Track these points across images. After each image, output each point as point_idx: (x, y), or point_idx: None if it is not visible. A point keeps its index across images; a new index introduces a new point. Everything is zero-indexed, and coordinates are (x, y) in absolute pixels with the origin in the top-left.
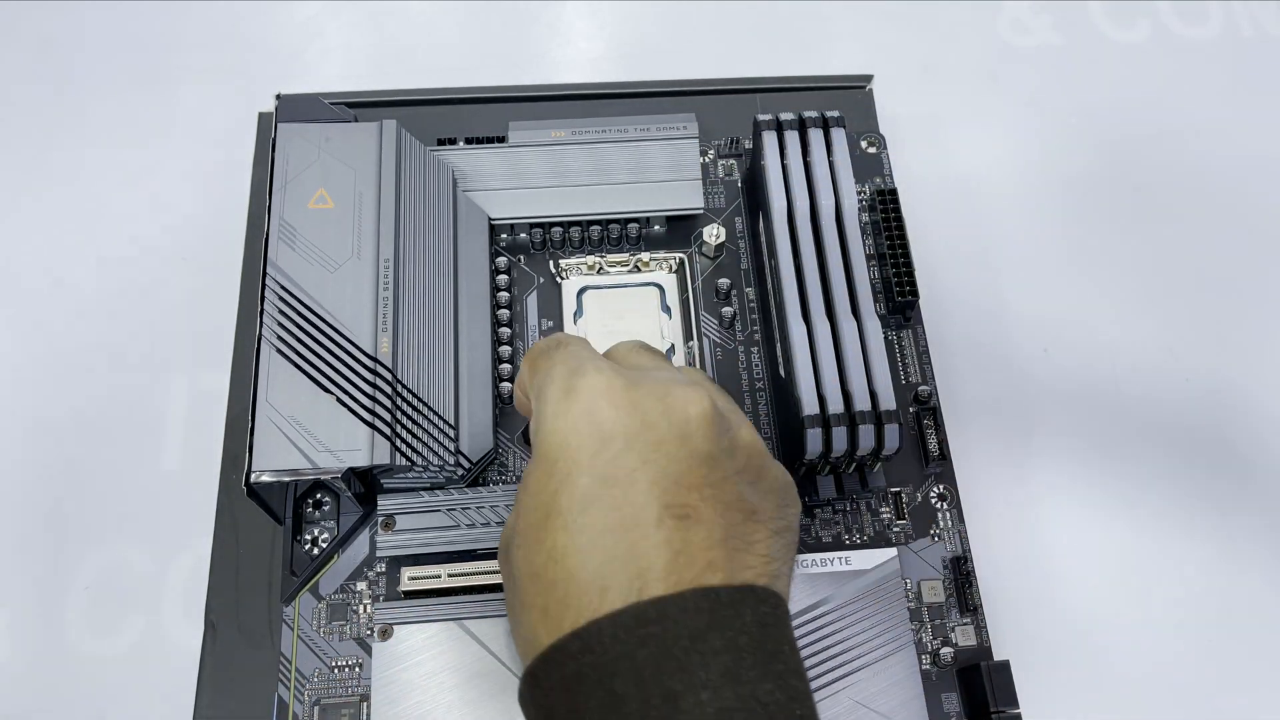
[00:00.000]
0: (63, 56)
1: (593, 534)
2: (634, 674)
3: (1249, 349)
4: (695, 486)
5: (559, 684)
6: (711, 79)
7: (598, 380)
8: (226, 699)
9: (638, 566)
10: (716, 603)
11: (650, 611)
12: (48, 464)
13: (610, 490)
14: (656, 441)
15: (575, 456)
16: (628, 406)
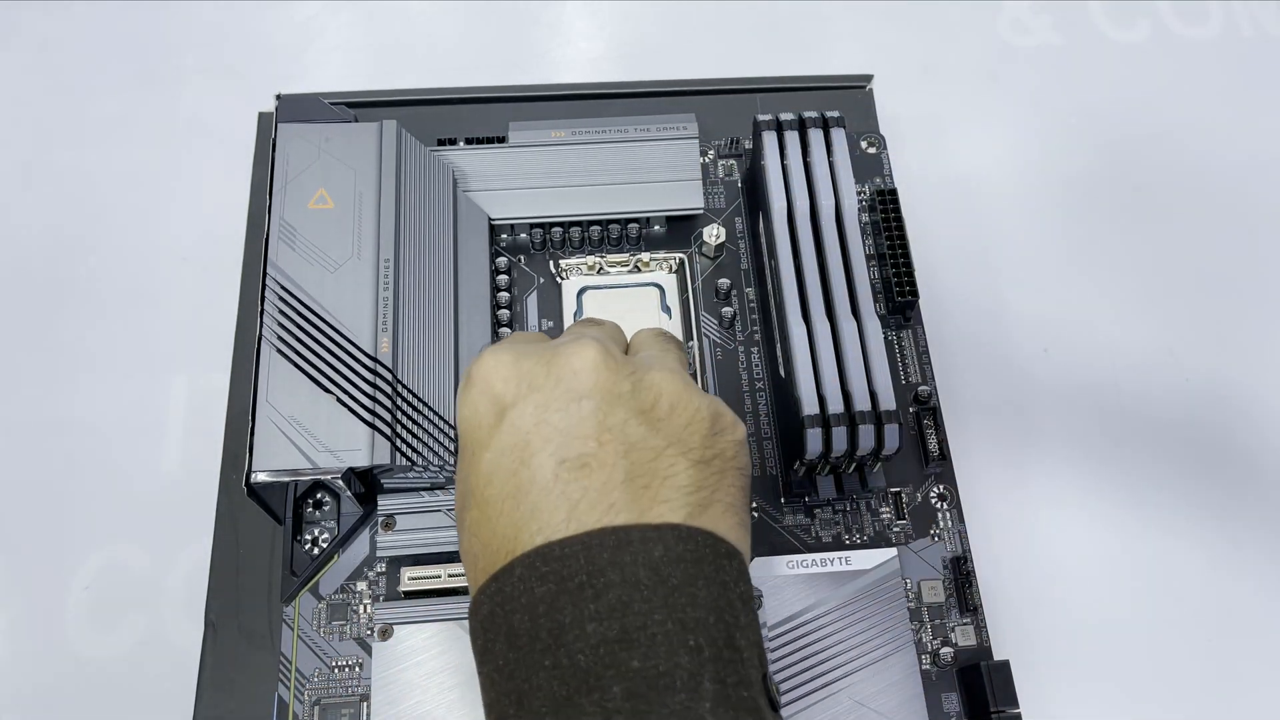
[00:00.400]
0: (63, 56)
1: (497, 503)
2: (530, 609)
3: (1249, 349)
4: (589, 435)
5: (480, 624)
6: (711, 79)
7: (489, 361)
8: (226, 699)
9: (539, 521)
10: (623, 540)
11: (555, 550)
12: (48, 464)
13: (508, 458)
14: (544, 402)
15: (477, 436)
16: (516, 376)
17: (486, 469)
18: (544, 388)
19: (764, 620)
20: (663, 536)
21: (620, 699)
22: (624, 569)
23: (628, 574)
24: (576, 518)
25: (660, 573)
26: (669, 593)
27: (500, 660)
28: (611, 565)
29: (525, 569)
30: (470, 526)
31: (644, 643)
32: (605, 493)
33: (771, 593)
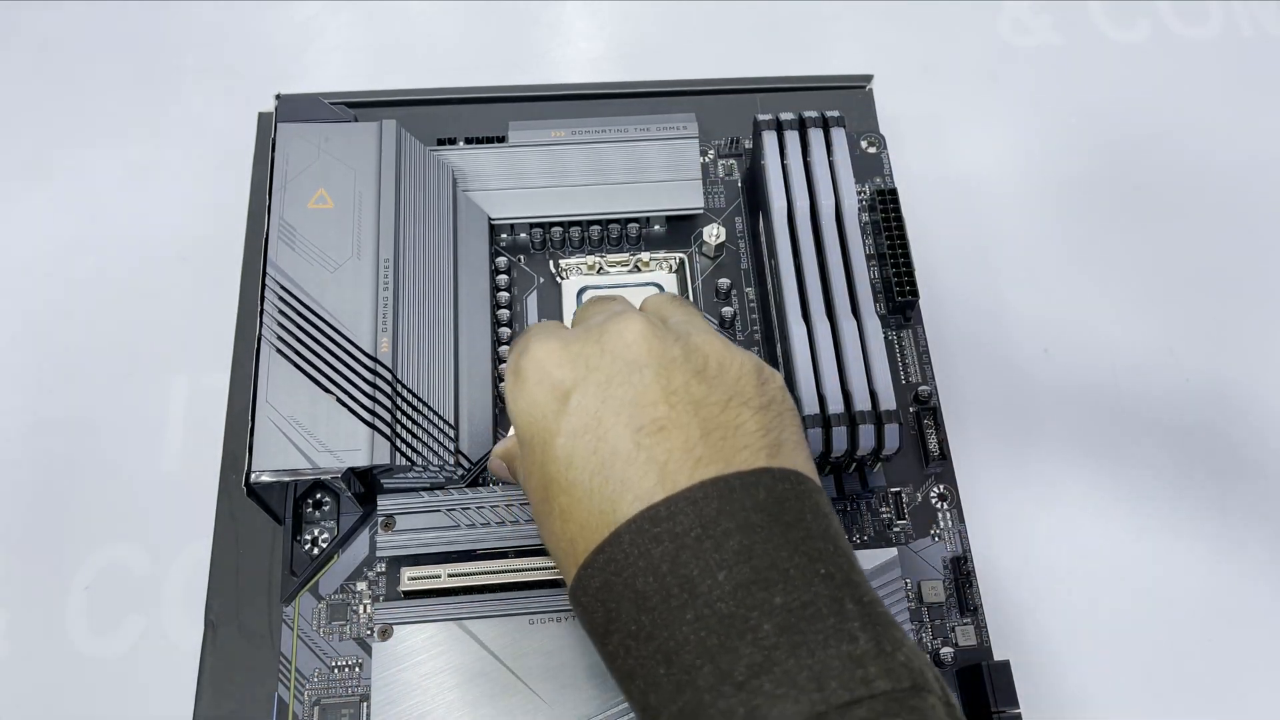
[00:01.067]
0: (63, 56)
1: (583, 483)
2: (652, 570)
3: (1249, 349)
4: (657, 400)
5: (594, 597)
6: (711, 79)
7: (538, 351)
8: (226, 699)
9: (631, 490)
10: (726, 489)
11: (660, 510)
12: (48, 464)
13: (583, 439)
14: (606, 378)
15: (544, 425)
16: (569, 360)
17: (564, 454)
18: (601, 365)
19: None
20: (760, 480)
21: (774, 634)
22: (735, 516)
23: (740, 520)
24: (669, 478)
25: (770, 513)
26: (785, 529)
27: (632, 625)
28: (723, 514)
29: (634, 535)
30: (560, 513)
31: (779, 580)
32: (689, 450)
33: None
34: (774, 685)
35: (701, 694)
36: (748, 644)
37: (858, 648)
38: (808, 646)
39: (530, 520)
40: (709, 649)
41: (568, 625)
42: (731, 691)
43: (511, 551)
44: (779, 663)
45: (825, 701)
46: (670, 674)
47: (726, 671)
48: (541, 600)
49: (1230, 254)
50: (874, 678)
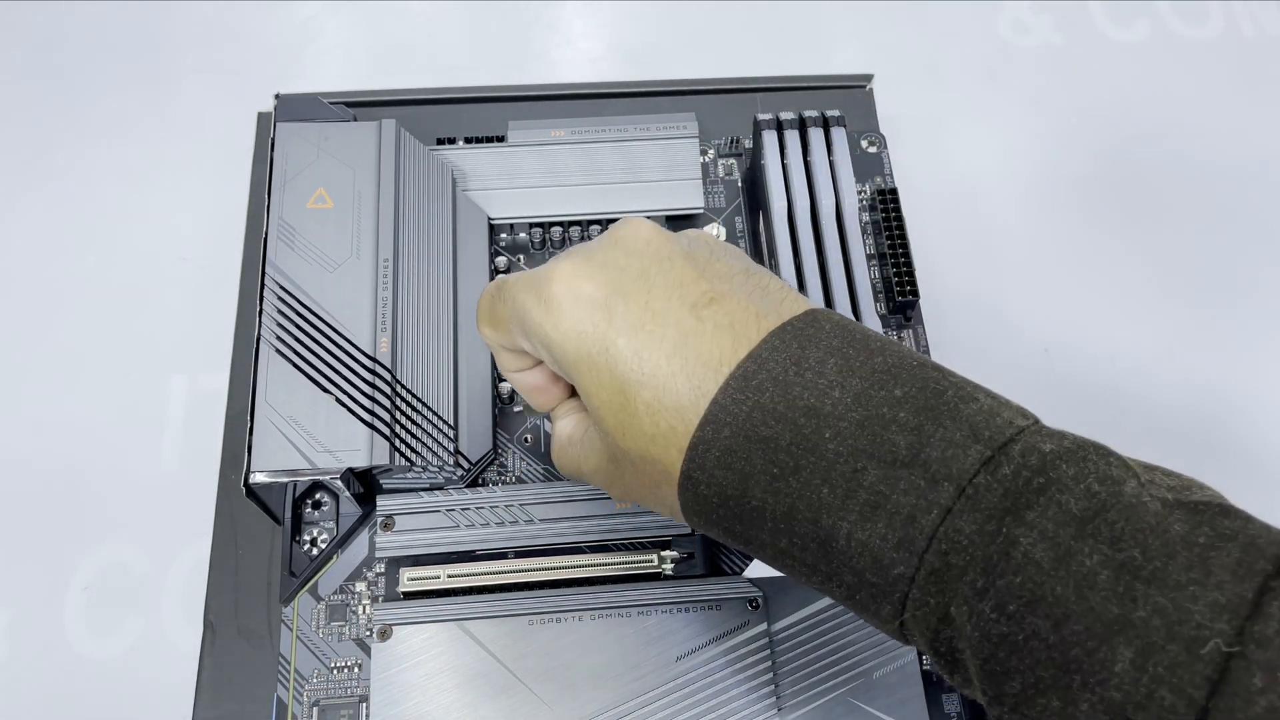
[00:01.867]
0: (63, 56)
1: (662, 369)
2: (770, 414)
3: (1249, 349)
4: (696, 279)
5: (717, 466)
6: (711, 79)
7: (562, 272)
8: (225, 700)
9: (711, 358)
10: (795, 332)
11: (749, 366)
12: (48, 464)
13: (643, 331)
14: (640, 272)
15: (598, 335)
16: (598, 269)
17: (631, 350)
18: (630, 263)
19: (767, 623)
20: (815, 317)
21: (913, 416)
22: (818, 346)
23: (824, 347)
24: (741, 337)
25: (843, 336)
26: (863, 343)
27: (773, 469)
28: (806, 349)
29: (735, 395)
30: (647, 409)
31: (887, 378)
32: (745, 309)
33: (774, 594)
34: (940, 450)
35: (876, 486)
36: (894, 431)
37: (982, 404)
38: (947, 414)
39: (529, 520)
40: (862, 450)
41: (568, 626)
42: (905, 472)
43: (511, 552)
44: (931, 434)
45: (989, 446)
46: (834, 489)
47: (890, 459)
48: (541, 601)
49: (1230, 254)
50: (1011, 419)
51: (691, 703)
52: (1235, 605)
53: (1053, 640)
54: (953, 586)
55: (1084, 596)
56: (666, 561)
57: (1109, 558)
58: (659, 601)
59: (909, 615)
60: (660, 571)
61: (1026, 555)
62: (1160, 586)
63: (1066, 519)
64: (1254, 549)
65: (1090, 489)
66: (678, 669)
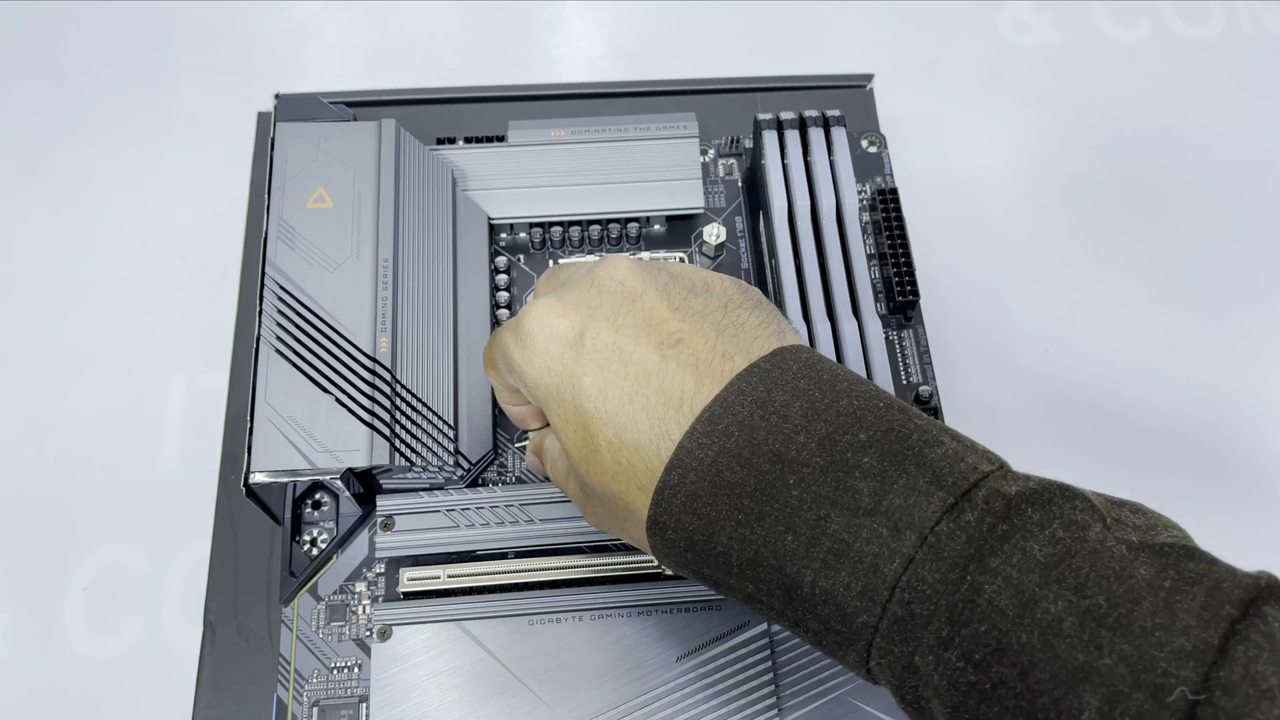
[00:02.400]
0: (63, 56)
1: (624, 408)
2: (735, 459)
3: (1249, 349)
4: (665, 318)
5: (683, 510)
6: (711, 79)
7: (537, 310)
8: (225, 700)
9: (676, 399)
10: (762, 374)
11: (714, 410)
12: (48, 464)
13: (611, 368)
14: (611, 310)
15: (567, 372)
16: (571, 308)
17: (596, 388)
18: (603, 302)
19: (767, 623)
20: (784, 356)
21: (877, 462)
22: (784, 388)
23: (789, 389)
24: (704, 378)
25: (810, 377)
26: (830, 384)
27: (738, 515)
28: (772, 391)
29: (700, 439)
30: (609, 446)
31: (852, 421)
32: (712, 350)
33: None
34: (903, 498)
35: (839, 534)
36: (857, 478)
37: (947, 449)
38: (911, 459)
39: (529, 520)
40: (826, 497)
41: (568, 626)
42: (867, 520)
43: (511, 552)
44: (895, 480)
45: (952, 493)
46: (798, 536)
47: (853, 506)
48: (541, 601)
49: (1231, 253)
50: (976, 464)
51: (691, 703)
52: (1201, 652)
53: (1020, 689)
54: (917, 635)
55: (1049, 644)
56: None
57: (1074, 604)
58: (659, 601)
59: (874, 663)
60: (660, 572)
61: (991, 603)
62: (1125, 634)
63: (1031, 565)
64: (1219, 592)
65: (1055, 535)
66: (678, 669)
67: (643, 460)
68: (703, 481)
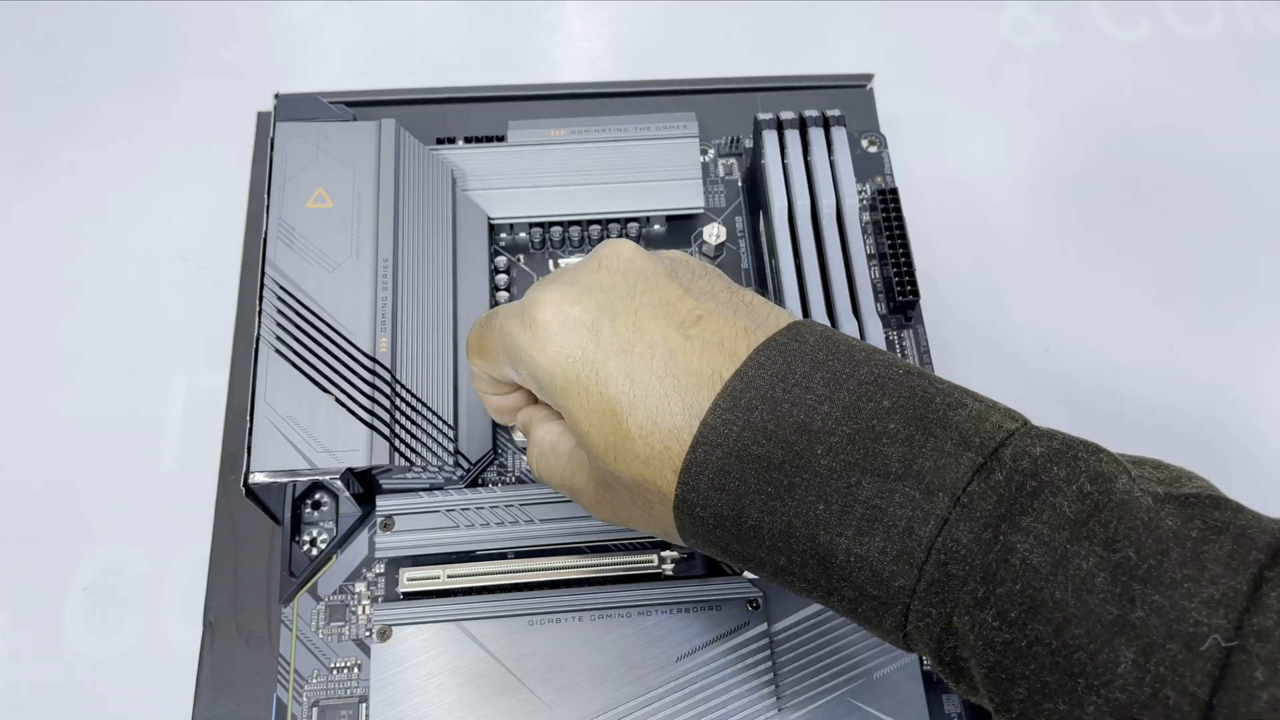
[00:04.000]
0: (62, 56)
1: (655, 390)
2: (761, 433)
3: (1249, 349)
4: (680, 297)
5: (711, 487)
6: (711, 78)
7: (548, 298)
8: (225, 700)
9: (704, 376)
10: (780, 347)
11: (735, 385)
12: (48, 464)
13: (636, 350)
14: (627, 291)
15: (587, 359)
16: (584, 292)
17: (621, 372)
18: (616, 285)
19: (767, 623)
20: (798, 330)
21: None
22: (804, 360)
23: (809, 361)
24: (729, 353)
25: (828, 348)
26: (848, 353)
27: (768, 488)
28: (792, 363)
29: (725, 415)
30: (640, 431)
31: (874, 389)
32: (732, 325)
33: (774, 594)
34: (933, 460)
35: (872, 500)
36: (885, 444)
37: (970, 410)
38: (937, 422)
39: (529, 520)
40: (855, 464)
41: (568, 626)
42: (899, 485)
43: (511, 552)
44: (923, 444)
45: (980, 453)
46: (830, 505)
47: (883, 472)
48: (541, 601)
49: (1231, 253)
50: (1000, 423)
51: (691, 703)
52: (1231, 599)
53: (1055, 645)
54: (954, 596)
55: (1083, 600)
56: (666, 562)
57: (1104, 559)
58: (659, 602)
59: (912, 627)
60: (660, 572)
61: (1024, 561)
62: (1156, 585)
63: (1061, 522)
64: (1246, 539)
65: (1082, 489)
66: (678, 669)
67: (678, 442)
68: (729, 457)
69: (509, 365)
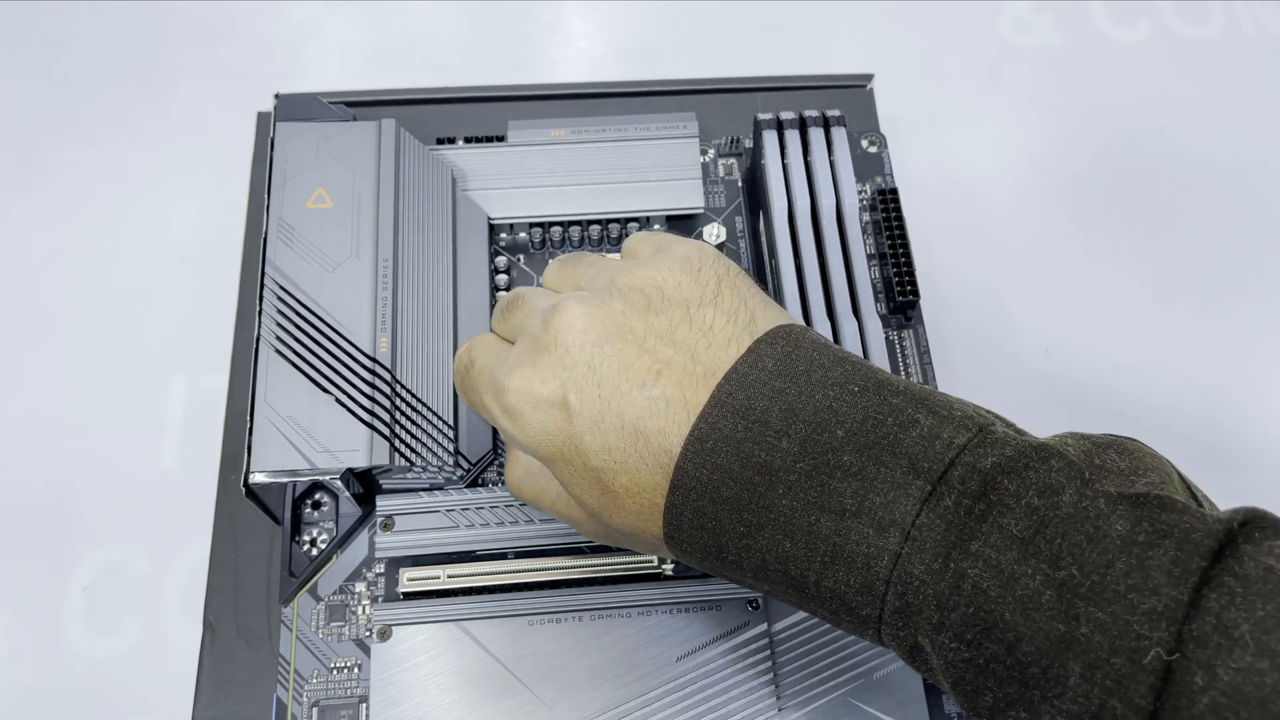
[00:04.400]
0: (62, 56)
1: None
2: (727, 474)
3: (1249, 349)
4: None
5: (692, 526)
6: (711, 79)
7: (515, 383)
8: (225, 700)
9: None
10: (739, 378)
11: (701, 428)
12: (48, 464)
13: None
14: (587, 366)
15: (565, 435)
16: (546, 374)
17: (598, 444)
18: (574, 360)
19: (767, 623)
20: (758, 355)
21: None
22: (761, 394)
23: (766, 393)
24: (690, 402)
25: (786, 373)
26: (804, 377)
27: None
28: (752, 400)
29: (695, 461)
30: (626, 491)
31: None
32: (689, 373)
33: None
34: (883, 495)
35: (831, 537)
36: (839, 480)
37: (922, 428)
38: (888, 449)
39: (529, 520)
40: (814, 503)
41: (568, 626)
42: (854, 523)
43: (511, 552)
44: (874, 476)
45: (929, 480)
46: (796, 543)
47: (839, 509)
48: (541, 601)
49: (1231, 253)
50: (950, 440)
51: (691, 703)
52: (1172, 610)
53: (1009, 662)
54: (914, 621)
55: (1031, 619)
56: (666, 562)
57: (1050, 577)
58: (659, 601)
59: (887, 641)
60: (660, 571)
61: (975, 586)
62: (1099, 601)
63: (1008, 542)
64: (1189, 544)
65: (1030, 504)
66: (678, 669)
67: (656, 494)
68: (704, 499)
69: (496, 426)
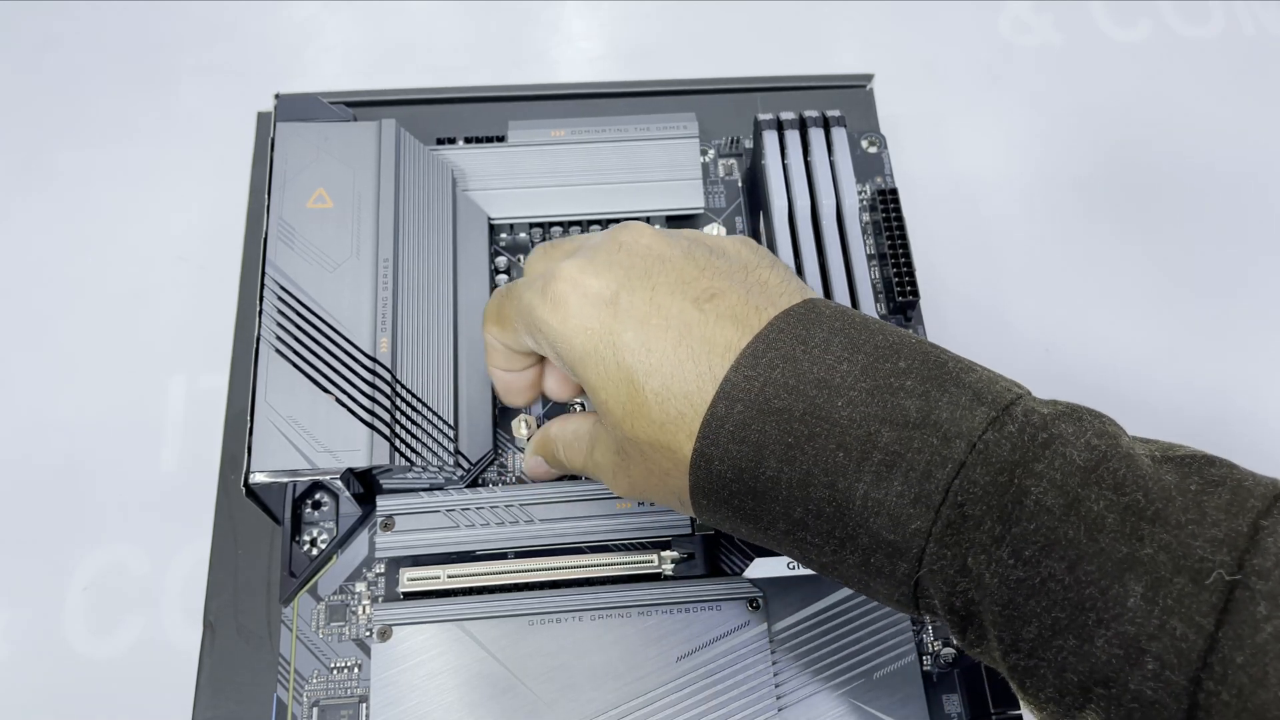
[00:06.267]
0: (62, 56)
1: (670, 358)
2: (783, 387)
3: (1249, 349)
4: (697, 276)
5: (731, 441)
6: (711, 79)
7: (568, 271)
8: (225, 700)
9: (718, 345)
10: (798, 317)
11: (757, 346)
12: (48, 464)
13: (652, 322)
14: (644, 270)
15: (605, 329)
16: (603, 268)
17: (638, 342)
18: (634, 263)
19: (767, 623)
20: (813, 304)
21: (919, 385)
22: (821, 327)
23: (826, 328)
24: (744, 325)
25: (843, 319)
26: (863, 324)
27: (788, 439)
28: (810, 330)
29: (745, 373)
30: (655, 397)
31: (891, 353)
32: (746, 301)
33: (774, 594)
34: (949, 411)
35: (891, 446)
36: (903, 397)
37: (981, 374)
38: (951, 381)
39: (529, 520)
40: (874, 415)
41: (568, 626)
42: (917, 433)
43: (511, 552)
44: (938, 398)
45: (994, 407)
46: (849, 452)
47: (902, 421)
48: (541, 601)
49: (1231, 253)
50: (1009, 386)
51: (692, 703)
52: (1233, 539)
53: (1068, 581)
54: (969, 536)
55: (1094, 538)
56: (666, 562)
57: (1114, 502)
58: (659, 601)
59: (925, 571)
60: (660, 572)
61: (1039, 503)
62: (1164, 525)
63: (1072, 469)
64: (1243, 490)
65: (1090, 442)
66: (678, 669)
67: (691, 407)
68: (751, 410)
69: (528, 335)
